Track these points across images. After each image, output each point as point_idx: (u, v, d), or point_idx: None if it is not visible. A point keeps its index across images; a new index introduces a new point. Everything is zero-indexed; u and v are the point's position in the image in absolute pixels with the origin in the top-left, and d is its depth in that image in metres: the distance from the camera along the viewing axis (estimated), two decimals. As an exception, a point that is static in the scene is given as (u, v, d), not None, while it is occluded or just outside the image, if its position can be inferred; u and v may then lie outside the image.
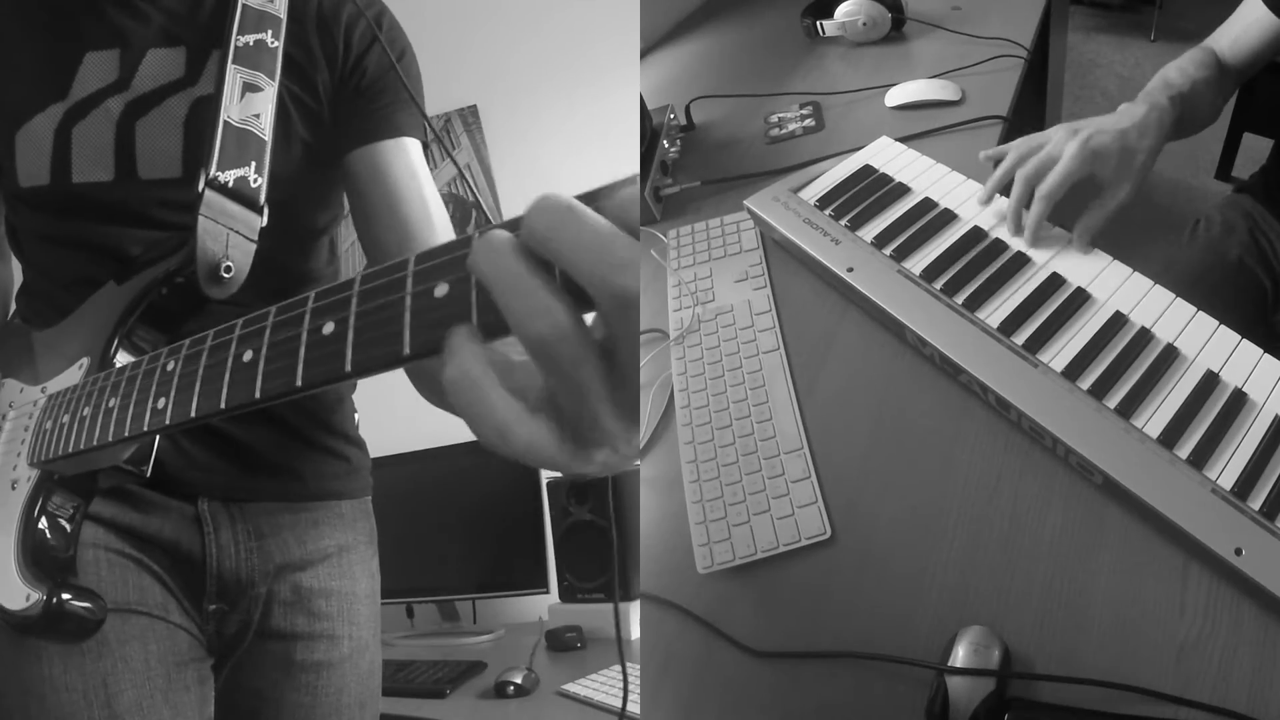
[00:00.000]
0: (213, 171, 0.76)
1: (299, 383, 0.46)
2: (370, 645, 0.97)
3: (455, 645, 1.91)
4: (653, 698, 0.75)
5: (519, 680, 1.47)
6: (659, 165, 1.25)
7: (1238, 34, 1.13)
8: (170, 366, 0.57)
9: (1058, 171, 0.90)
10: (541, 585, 1.85)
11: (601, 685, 1.40)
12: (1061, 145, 0.91)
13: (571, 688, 1.44)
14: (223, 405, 0.51)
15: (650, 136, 1.26)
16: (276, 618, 0.90)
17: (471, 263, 0.38)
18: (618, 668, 1.46)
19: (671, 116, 1.33)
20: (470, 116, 2.29)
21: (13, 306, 0.93)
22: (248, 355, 0.49)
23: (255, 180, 0.79)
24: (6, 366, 0.83)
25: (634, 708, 1.28)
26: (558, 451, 0.39)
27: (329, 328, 0.44)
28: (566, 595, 1.82)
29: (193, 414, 0.53)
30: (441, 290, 0.40)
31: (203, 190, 0.76)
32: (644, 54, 1.76)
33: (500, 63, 2.24)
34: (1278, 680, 0.63)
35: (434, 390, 0.83)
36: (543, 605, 1.88)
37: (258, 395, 0.48)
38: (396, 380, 0.82)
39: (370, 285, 0.43)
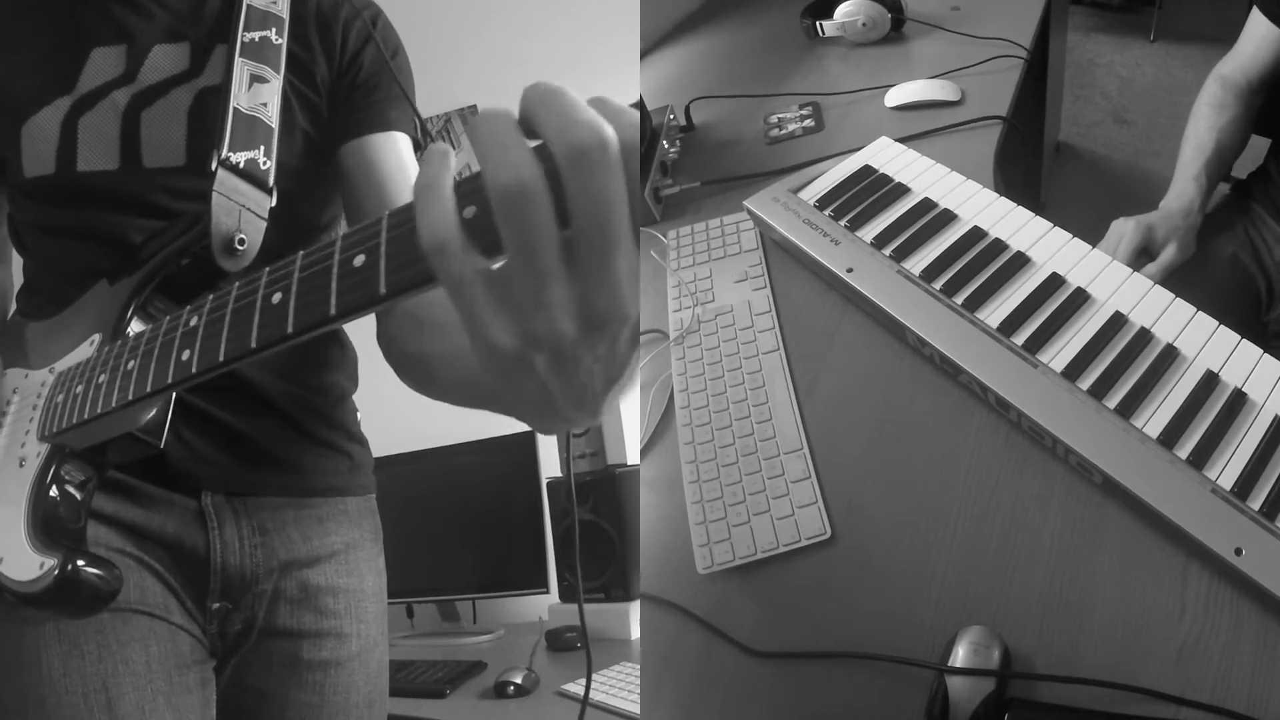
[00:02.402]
0: (224, 152, 0.79)
1: (333, 311, 0.47)
2: (378, 643, 0.97)
3: (455, 645, 1.91)
4: (653, 697, 0.75)
5: (519, 680, 1.47)
6: (659, 166, 1.25)
7: (1254, 50, 1.15)
8: (194, 322, 0.57)
9: (1121, 249, 1.10)
10: (541, 585, 1.86)
11: (602, 685, 1.40)
12: (1120, 229, 1.11)
13: (571, 688, 1.44)
14: (254, 344, 0.51)
15: (650, 137, 1.26)
16: (283, 615, 0.90)
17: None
18: (618, 667, 1.47)
19: (671, 117, 1.33)
20: (470, 116, 2.29)
21: (13, 307, 0.94)
22: (277, 297, 0.50)
23: (265, 163, 0.82)
24: (8, 357, 0.83)
25: (634, 708, 1.29)
26: (489, 314, 0.41)
27: (360, 260, 0.46)
28: (566, 595, 1.82)
29: (221, 358, 0.54)
30: (469, 212, 0.41)
31: (215, 169, 0.78)
32: (644, 54, 1.76)
33: (500, 63, 2.24)
34: (1278, 680, 0.63)
35: (421, 379, 0.83)
36: (543, 605, 1.88)
37: (290, 329, 0.49)
38: (396, 381, 0.82)
39: (397, 218, 0.45)
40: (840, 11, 1.51)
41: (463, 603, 2.06)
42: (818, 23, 1.54)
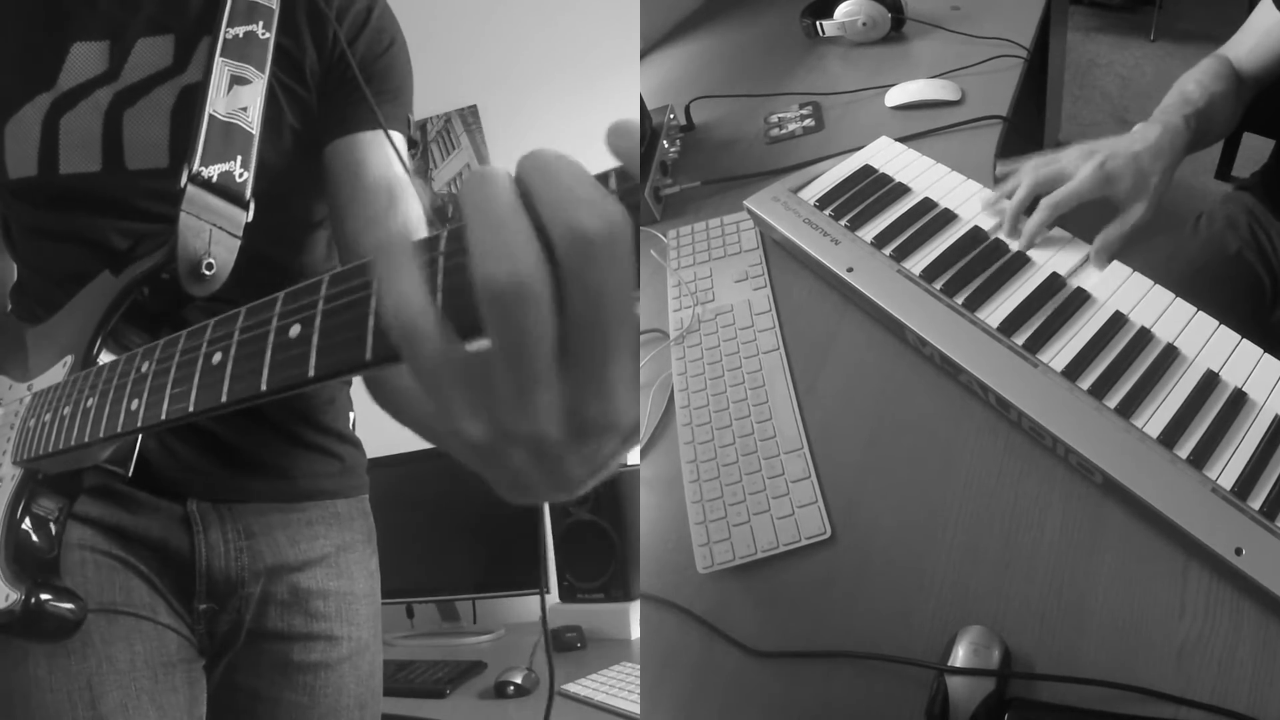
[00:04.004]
0: (196, 166, 0.76)
1: (263, 387, 0.45)
2: (370, 646, 0.97)
3: (455, 645, 1.91)
4: (653, 698, 0.75)
5: (519, 680, 1.47)
6: (659, 165, 1.25)
7: (1255, 43, 1.13)
8: (145, 368, 0.57)
9: (1070, 188, 0.92)
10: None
11: (602, 685, 1.40)
12: (1076, 164, 0.93)
13: (571, 688, 1.44)
14: (191, 409, 0.51)
15: (650, 137, 1.25)
16: (273, 618, 0.90)
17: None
18: (618, 667, 1.47)
19: (671, 116, 1.33)
20: (470, 116, 2.29)
21: (9, 305, 0.93)
22: (217, 357, 0.49)
23: (241, 175, 0.78)
24: None
25: (634, 708, 1.29)
26: (463, 407, 0.36)
27: (295, 330, 0.43)
28: (566, 595, 1.82)
29: (163, 417, 0.53)
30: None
31: (185, 186, 0.75)
32: (644, 54, 1.76)
33: (500, 63, 2.24)
34: (1278, 680, 0.63)
35: (389, 407, 0.80)
36: (543, 605, 1.88)
37: (224, 399, 0.48)
38: (396, 380, 0.82)
39: (337, 288, 0.41)
40: (840, 11, 1.51)
41: (463, 603, 2.06)
42: (818, 22, 1.54)
